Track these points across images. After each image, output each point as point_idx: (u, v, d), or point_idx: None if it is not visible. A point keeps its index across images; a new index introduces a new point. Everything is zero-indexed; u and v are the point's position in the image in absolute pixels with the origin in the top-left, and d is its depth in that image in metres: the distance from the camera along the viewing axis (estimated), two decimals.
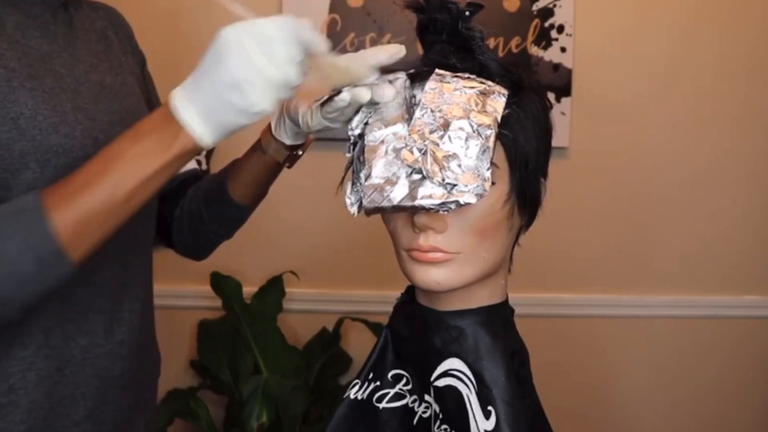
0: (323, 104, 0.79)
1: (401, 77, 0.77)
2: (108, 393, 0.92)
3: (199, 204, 1.05)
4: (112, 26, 1.02)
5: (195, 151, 0.75)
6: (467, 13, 0.78)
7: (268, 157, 0.96)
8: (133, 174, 0.74)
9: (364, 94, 0.75)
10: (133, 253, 0.96)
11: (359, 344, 2.02)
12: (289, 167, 1.00)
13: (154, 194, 0.77)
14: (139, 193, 0.75)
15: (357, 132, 0.77)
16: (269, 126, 0.94)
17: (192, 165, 1.13)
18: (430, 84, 0.75)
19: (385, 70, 0.77)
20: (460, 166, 0.70)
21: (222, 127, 0.73)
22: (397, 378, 0.85)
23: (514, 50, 1.99)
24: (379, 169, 0.72)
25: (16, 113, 0.79)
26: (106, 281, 0.91)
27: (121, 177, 0.73)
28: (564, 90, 2.01)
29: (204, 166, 1.98)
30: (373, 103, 0.76)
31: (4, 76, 0.80)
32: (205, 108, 0.72)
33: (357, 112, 0.77)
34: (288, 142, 0.94)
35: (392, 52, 0.77)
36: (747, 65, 2.06)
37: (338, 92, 0.76)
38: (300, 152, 0.98)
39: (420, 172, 0.70)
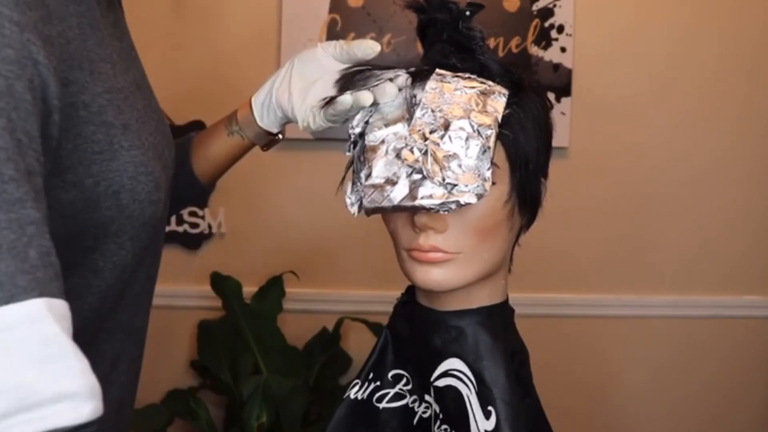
0: (324, 106, 0.79)
1: (402, 76, 0.77)
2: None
3: None
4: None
5: None
6: (467, 13, 0.78)
7: (247, 141, 0.93)
8: None
9: (366, 98, 0.75)
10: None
11: (359, 344, 2.02)
12: (265, 150, 0.97)
13: None
14: None
15: (357, 131, 0.77)
16: (250, 111, 0.91)
17: None
18: (431, 84, 0.75)
19: (386, 69, 0.78)
20: (460, 166, 0.70)
21: None
22: (397, 378, 0.85)
23: (514, 50, 1.99)
24: (379, 169, 0.72)
25: (119, 185, 0.68)
26: (142, 327, 0.86)
27: None
28: (564, 90, 2.01)
29: None
30: (374, 103, 0.76)
31: (106, 139, 0.67)
32: None
33: (359, 110, 0.77)
34: (274, 130, 0.92)
35: (365, 47, 0.79)
36: (747, 65, 2.06)
37: (340, 94, 0.76)
38: (280, 137, 0.95)
39: (420, 172, 0.70)
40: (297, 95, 0.85)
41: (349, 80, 0.78)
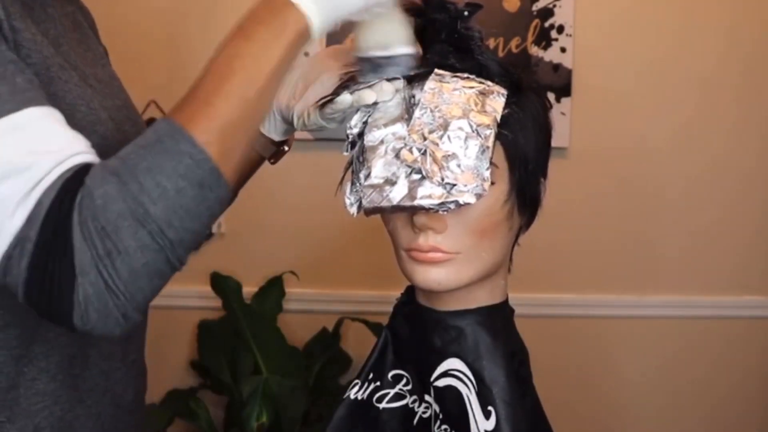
0: (323, 105, 0.79)
1: (399, 77, 0.77)
2: (121, 419, 0.87)
3: None
4: (80, 11, 0.92)
5: (307, 36, 0.70)
6: (466, 13, 0.78)
7: (254, 152, 0.93)
8: (259, 70, 0.68)
9: (368, 96, 0.75)
10: None
11: (359, 344, 2.02)
12: (273, 163, 0.98)
13: (277, 89, 0.72)
14: (268, 90, 0.69)
15: (356, 131, 0.77)
16: None
17: None
18: (430, 84, 0.74)
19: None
20: (459, 166, 0.70)
21: (334, 11, 0.70)
22: (397, 378, 0.85)
23: (514, 50, 1.99)
24: (378, 169, 0.72)
25: (54, 106, 0.71)
26: None
27: (248, 77, 0.67)
28: (564, 90, 2.01)
29: None
30: (372, 103, 0.76)
31: (43, 64, 0.71)
32: None
33: (356, 111, 0.77)
34: (277, 138, 0.92)
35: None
36: (747, 64, 2.06)
37: (338, 93, 0.76)
38: (286, 148, 0.96)
39: (419, 172, 0.70)
40: (300, 95, 0.85)
41: (348, 82, 0.78)
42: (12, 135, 0.62)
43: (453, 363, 0.79)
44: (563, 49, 2.00)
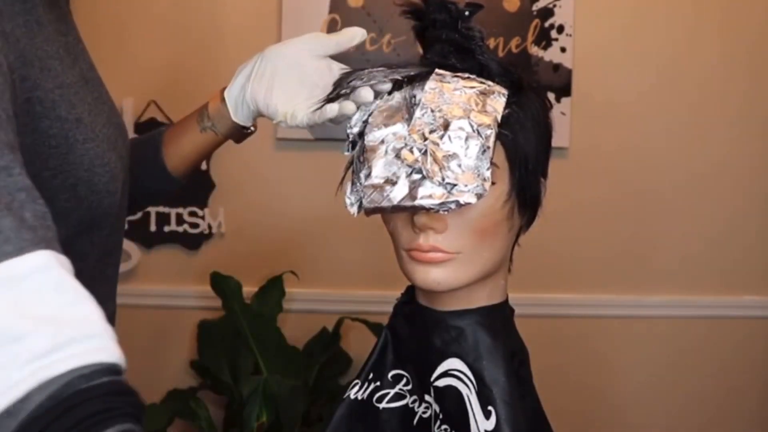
0: (315, 110, 0.80)
1: (388, 84, 0.77)
2: None
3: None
4: None
5: None
6: (467, 13, 0.78)
7: (220, 137, 0.92)
8: None
9: (349, 107, 0.77)
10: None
11: (359, 344, 2.02)
12: (238, 143, 0.97)
13: None
14: None
15: (356, 131, 0.77)
16: (222, 106, 0.90)
17: None
18: (430, 84, 0.75)
19: (386, 66, 0.78)
20: (460, 165, 0.70)
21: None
22: (397, 378, 0.85)
23: (514, 50, 1.99)
24: (379, 169, 0.72)
25: (75, 179, 0.70)
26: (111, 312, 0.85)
27: None
28: (564, 90, 2.01)
29: (203, 166, 1.98)
30: (358, 108, 0.77)
31: (62, 133, 0.68)
32: None
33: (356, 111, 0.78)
34: (248, 124, 0.92)
35: (351, 36, 0.80)
36: (747, 64, 2.06)
37: (330, 97, 0.77)
38: (253, 129, 0.94)
39: (420, 171, 0.70)
40: (278, 91, 0.84)
41: (341, 82, 0.78)
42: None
43: (453, 363, 0.79)
44: (563, 49, 2.00)
